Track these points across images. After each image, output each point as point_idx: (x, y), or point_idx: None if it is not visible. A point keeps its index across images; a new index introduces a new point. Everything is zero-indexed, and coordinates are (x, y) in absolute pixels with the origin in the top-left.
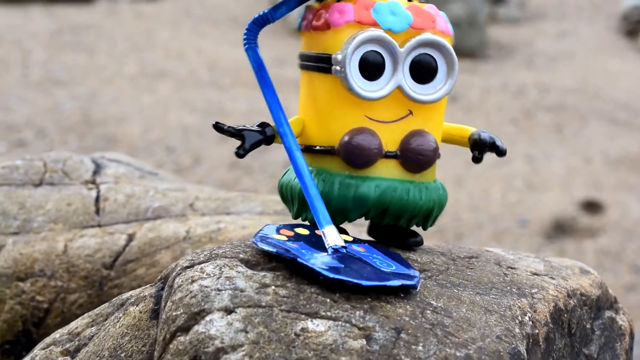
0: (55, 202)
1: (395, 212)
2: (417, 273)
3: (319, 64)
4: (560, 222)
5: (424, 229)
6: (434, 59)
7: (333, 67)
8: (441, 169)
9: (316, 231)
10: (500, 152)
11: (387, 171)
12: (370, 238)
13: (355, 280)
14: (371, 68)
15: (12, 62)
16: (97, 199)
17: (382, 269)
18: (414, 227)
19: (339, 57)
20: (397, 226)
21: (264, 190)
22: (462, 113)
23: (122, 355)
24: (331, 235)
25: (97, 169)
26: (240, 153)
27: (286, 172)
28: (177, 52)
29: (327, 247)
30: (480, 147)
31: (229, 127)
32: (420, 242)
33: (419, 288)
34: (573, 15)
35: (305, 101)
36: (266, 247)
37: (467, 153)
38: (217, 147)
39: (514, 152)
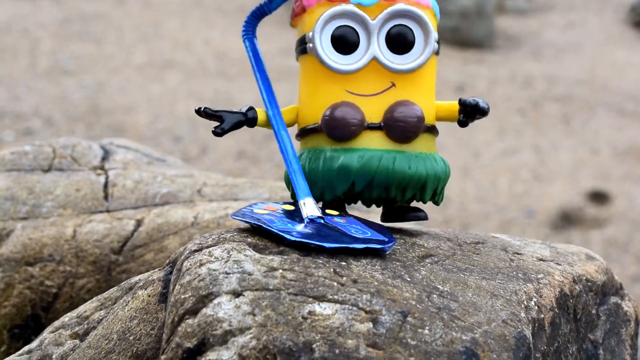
0: (64, 187)
1: (382, 182)
2: (392, 240)
3: (301, 46)
4: (567, 212)
5: (424, 202)
6: (411, 30)
7: (307, 45)
8: (447, 159)
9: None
10: (482, 111)
11: (372, 142)
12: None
13: (318, 243)
14: (343, 42)
15: (20, 51)
16: (106, 185)
17: (353, 235)
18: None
19: (310, 34)
20: (404, 206)
21: (270, 180)
22: None
23: (131, 338)
24: (309, 207)
25: (106, 155)
26: (218, 132)
27: None
28: (185, 42)
29: (304, 217)
30: (463, 110)
31: (205, 108)
32: (424, 217)
33: (388, 251)
34: (581, 6)
35: (299, 87)
36: (238, 218)
37: (474, 144)
38: (224, 137)
39: (521, 142)
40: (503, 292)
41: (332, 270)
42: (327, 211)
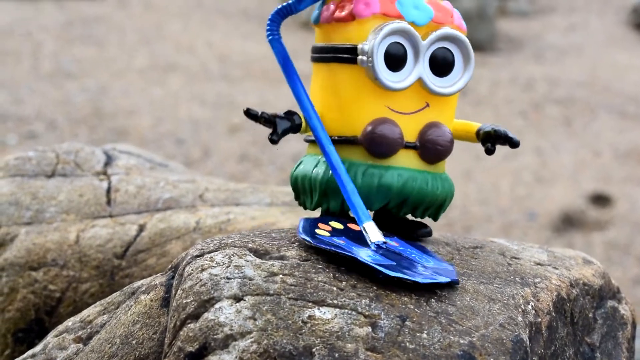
0: (67, 193)
1: (415, 202)
2: (451, 266)
3: (342, 54)
4: (568, 215)
5: (435, 219)
6: (452, 53)
7: (359, 57)
8: (450, 162)
9: (349, 225)
10: (514, 144)
11: (407, 161)
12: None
13: (413, 278)
14: (395, 59)
15: (23, 54)
16: (109, 190)
17: (427, 264)
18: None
19: (366, 47)
20: (406, 220)
21: (273, 183)
22: (472, 106)
23: (133, 342)
24: (372, 231)
25: (108, 161)
26: (274, 139)
27: (299, 164)
28: (187, 45)
29: (369, 243)
30: (493, 139)
31: (262, 113)
32: (430, 233)
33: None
34: (582, 8)
35: (322, 93)
36: (321, 245)
37: (476, 147)
38: (226, 140)
39: (523, 145)
40: (500, 296)
41: (331, 275)
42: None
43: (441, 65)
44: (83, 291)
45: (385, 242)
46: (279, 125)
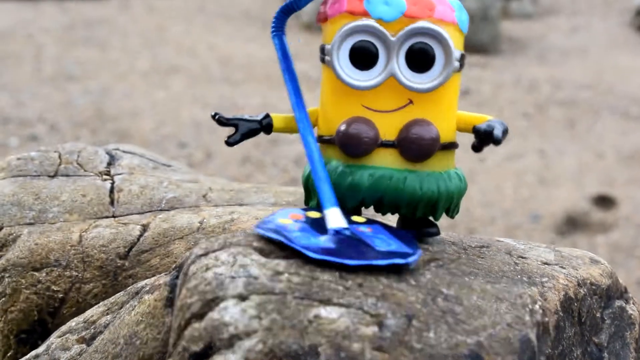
0: (70, 193)
1: (391, 201)
2: (417, 252)
3: (321, 54)
4: (572, 217)
5: (435, 219)
6: (431, 48)
7: (325, 57)
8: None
9: (308, 215)
10: (495, 142)
11: (385, 160)
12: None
13: (340, 260)
14: (362, 57)
15: (24, 57)
16: (112, 190)
17: (378, 248)
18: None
19: (328, 47)
20: (417, 218)
21: (276, 185)
22: (474, 108)
23: (137, 342)
24: (333, 217)
25: (111, 161)
26: (230, 142)
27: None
28: (189, 48)
29: (328, 228)
30: (477, 137)
31: (219, 116)
32: (435, 233)
33: (412, 265)
34: (586, 10)
35: (320, 92)
36: (261, 232)
37: None
38: None
39: (526, 147)
40: (508, 295)
41: (337, 274)
42: (354, 218)
43: (418, 60)
44: (86, 292)
45: (347, 228)
46: (240, 128)
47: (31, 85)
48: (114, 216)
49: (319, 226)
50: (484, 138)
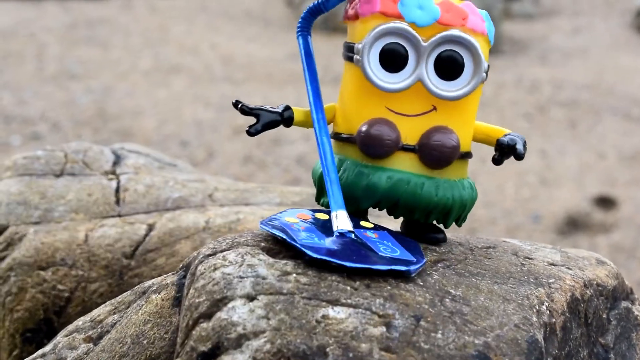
0: (76, 192)
1: (407, 205)
2: (421, 261)
3: (348, 52)
4: (573, 217)
5: (445, 226)
6: (461, 56)
7: (355, 56)
8: None
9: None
10: (517, 156)
11: (404, 164)
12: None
13: (339, 262)
14: (392, 60)
15: (27, 56)
16: (117, 190)
17: (381, 254)
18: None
19: (359, 46)
20: (423, 223)
21: (280, 185)
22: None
23: (145, 342)
24: (340, 220)
25: (117, 160)
26: (251, 132)
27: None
28: (191, 47)
29: (334, 230)
30: (499, 150)
31: (242, 105)
32: (442, 239)
33: (414, 274)
34: (587, 11)
35: (341, 89)
36: (263, 227)
37: (480, 150)
38: (231, 141)
39: (527, 147)
40: (515, 296)
41: (345, 274)
42: (362, 223)
43: (447, 68)
44: (92, 291)
45: (352, 232)
46: (262, 118)
47: (33, 84)
48: (119, 215)
49: (325, 228)
50: (507, 152)
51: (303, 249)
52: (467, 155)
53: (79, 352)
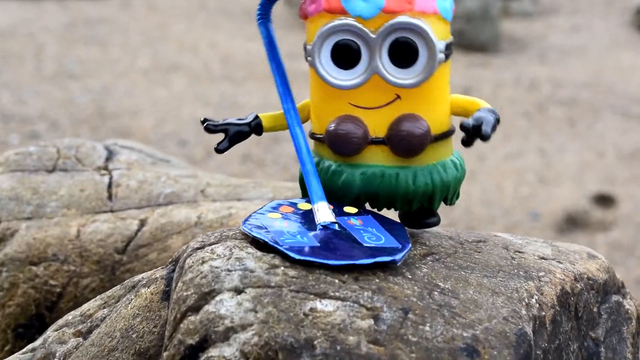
0: (68, 187)
1: (386, 197)
2: (406, 247)
3: (305, 54)
4: (572, 215)
5: (433, 209)
6: (414, 42)
7: (307, 57)
8: None
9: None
10: (482, 137)
11: (375, 157)
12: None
13: (323, 261)
14: (343, 56)
15: (25, 55)
16: (110, 185)
17: (366, 244)
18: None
19: (309, 47)
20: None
21: (274, 181)
22: None
23: (134, 335)
24: (322, 212)
25: (110, 156)
26: (219, 149)
27: None
28: (190, 46)
29: (316, 223)
30: (464, 131)
31: (207, 124)
32: (436, 223)
33: (399, 262)
34: (586, 9)
35: (309, 91)
36: (245, 229)
37: (479, 148)
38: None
39: (526, 145)
40: (504, 289)
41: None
42: (346, 209)
43: (401, 56)
44: (84, 286)
45: (335, 222)
46: (230, 131)
47: (32, 83)
48: (112, 211)
49: (308, 219)
50: (472, 134)
51: (285, 251)
52: (446, 134)
53: (68, 346)
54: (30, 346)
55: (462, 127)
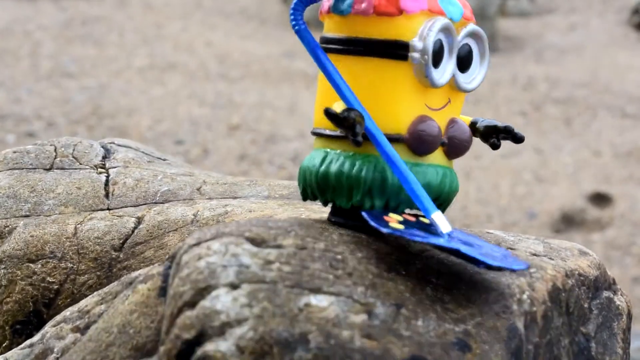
0: (65, 185)
1: (444, 198)
2: (510, 254)
3: (387, 49)
4: (568, 214)
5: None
6: (470, 48)
7: (412, 54)
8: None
9: (403, 215)
10: (518, 139)
11: (439, 158)
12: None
13: (510, 267)
14: (438, 56)
15: (22, 54)
16: (107, 183)
17: (494, 253)
18: None
19: (420, 45)
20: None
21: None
22: (471, 105)
23: (131, 331)
24: (442, 222)
25: (107, 154)
26: (359, 140)
27: (323, 160)
28: (186, 45)
29: (441, 234)
30: (498, 133)
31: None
32: None
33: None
34: (583, 8)
35: (353, 87)
36: (414, 238)
37: (475, 146)
38: (225, 139)
39: (522, 144)
40: (496, 285)
41: (328, 263)
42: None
43: (465, 61)
44: (81, 283)
45: (454, 230)
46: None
47: (28, 82)
48: (108, 209)
49: (421, 229)
50: (502, 134)
51: (480, 258)
52: None
53: (66, 342)
54: (28, 342)
55: (497, 128)
